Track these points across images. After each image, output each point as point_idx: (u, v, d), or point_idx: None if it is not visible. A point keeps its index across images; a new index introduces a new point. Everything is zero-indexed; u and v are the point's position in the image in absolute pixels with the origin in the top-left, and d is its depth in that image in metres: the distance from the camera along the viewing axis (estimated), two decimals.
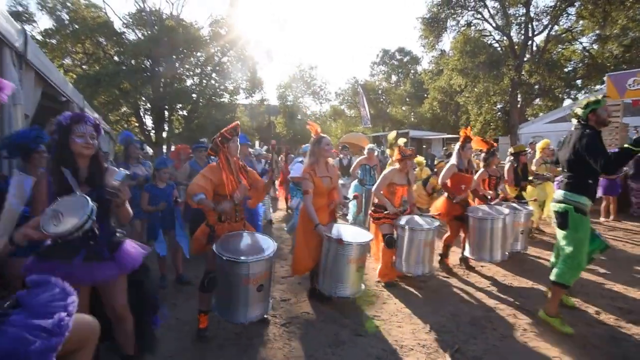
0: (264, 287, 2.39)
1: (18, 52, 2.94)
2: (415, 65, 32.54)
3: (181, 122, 21.05)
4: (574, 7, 17.14)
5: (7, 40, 2.69)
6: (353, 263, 2.90)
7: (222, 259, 2.25)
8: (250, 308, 2.35)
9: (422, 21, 19.88)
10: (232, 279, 2.30)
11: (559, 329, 2.67)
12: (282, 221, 7.26)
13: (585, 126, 2.63)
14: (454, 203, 3.94)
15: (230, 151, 2.58)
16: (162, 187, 3.63)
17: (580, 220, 2.60)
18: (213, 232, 2.50)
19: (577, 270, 2.68)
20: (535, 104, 23.23)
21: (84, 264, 1.74)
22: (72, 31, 17.78)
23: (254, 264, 2.27)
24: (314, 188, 3.03)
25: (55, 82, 4.00)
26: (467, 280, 3.83)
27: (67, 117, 1.76)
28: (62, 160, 1.75)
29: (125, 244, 1.90)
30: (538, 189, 5.49)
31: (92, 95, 14.97)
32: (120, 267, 1.82)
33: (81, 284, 1.76)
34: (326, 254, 2.97)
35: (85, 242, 1.75)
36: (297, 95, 27.92)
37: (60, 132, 1.75)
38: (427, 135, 19.42)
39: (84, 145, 1.75)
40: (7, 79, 2.75)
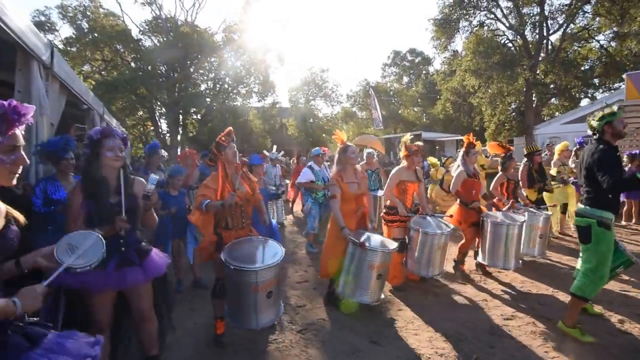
0: (273, 293, 2.39)
1: (45, 64, 3.07)
2: (427, 65, 32.27)
3: (195, 125, 21.46)
4: (590, 4, 16.74)
5: (35, 54, 2.81)
6: (375, 270, 2.91)
7: (230, 268, 2.27)
8: (260, 314, 2.36)
9: (433, 22, 19.75)
10: (241, 286, 2.31)
11: (579, 338, 2.62)
12: (294, 224, 7.30)
13: (600, 140, 2.59)
14: (469, 209, 3.90)
15: (227, 158, 2.56)
16: (175, 194, 3.71)
17: (603, 234, 2.54)
18: (220, 239, 2.52)
19: (599, 284, 2.63)
20: (551, 103, 22.70)
21: (116, 270, 1.85)
22: (91, 39, 18.42)
23: (262, 271, 2.27)
24: (342, 194, 3.09)
25: (78, 91, 4.15)
26: (483, 287, 3.78)
27: (98, 132, 1.89)
28: (93, 171, 1.87)
29: (153, 252, 2.01)
30: (558, 193, 5.36)
31: (110, 101, 15.42)
32: (146, 273, 1.92)
33: (115, 289, 1.88)
34: (350, 258, 2.99)
35: (118, 249, 1.87)
36: (308, 97, 28.02)
37: (92, 146, 1.87)
38: (440, 137, 19.17)
39: (114, 158, 1.87)
40: (34, 90, 2.89)
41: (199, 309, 3.27)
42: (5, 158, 1.13)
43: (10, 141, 1.14)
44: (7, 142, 1.13)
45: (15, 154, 1.15)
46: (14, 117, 1.13)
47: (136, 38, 20.06)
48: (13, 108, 1.13)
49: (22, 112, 1.15)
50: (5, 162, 1.13)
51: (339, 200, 3.08)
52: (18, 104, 1.15)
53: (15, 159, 1.15)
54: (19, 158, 1.17)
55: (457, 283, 3.88)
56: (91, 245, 1.44)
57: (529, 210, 4.27)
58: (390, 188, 3.65)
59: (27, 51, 2.72)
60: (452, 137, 18.43)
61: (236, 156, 2.60)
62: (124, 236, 1.89)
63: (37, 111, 2.88)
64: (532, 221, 4.17)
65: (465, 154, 3.97)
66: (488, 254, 3.84)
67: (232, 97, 21.42)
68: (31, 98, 2.83)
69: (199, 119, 21.19)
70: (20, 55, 2.80)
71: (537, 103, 19.41)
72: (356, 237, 2.97)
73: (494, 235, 3.75)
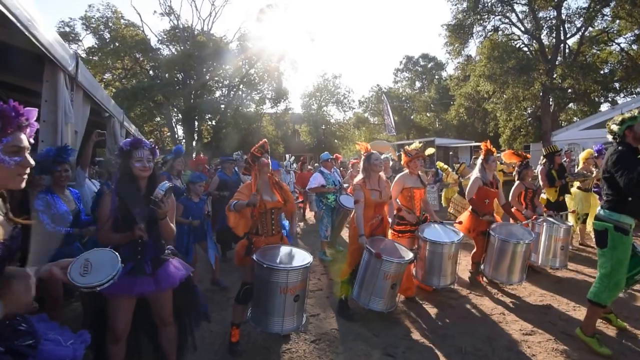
0: (299, 297, 2.45)
1: (70, 75, 3.20)
2: (440, 71, 32.01)
3: (210, 131, 21.84)
4: (610, 7, 16.31)
5: (62, 66, 2.93)
6: (389, 279, 2.90)
7: (262, 267, 2.35)
8: (286, 319, 2.41)
9: (447, 28, 19.63)
10: (270, 286, 2.37)
11: (596, 349, 2.57)
12: (305, 232, 7.27)
13: (621, 143, 2.55)
14: (480, 218, 3.81)
15: (260, 168, 2.68)
16: (196, 201, 3.78)
17: (619, 239, 2.49)
18: (251, 244, 2.60)
19: (615, 291, 2.57)
20: (570, 108, 22.13)
21: (127, 276, 1.87)
22: (112, 49, 19.11)
23: (292, 272, 2.36)
24: (364, 200, 3.12)
25: (100, 100, 4.30)
26: (500, 299, 3.67)
27: (128, 144, 1.97)
28: (124, 181, 1.95)
29: (169, 263, 2.03)
30: (579, 200, 5.17)
31: (129, 107, 15.90)
32: (157, 285, 1.95)
33: (127, 295, 1.91)
34: (365, 265, 2.99)
35: (134, 255, 1.90)
36: (321, 104, 28.16)
37: (122, 157, 1.96)
38: (453, 143, 18.89)
39: (142, 169, 1.95)
40: (61, 100, 3.00)
41: (215, 316, 3.27)
42: (9, 159, 1.10)
43: (13, 142, 1.12)
44: (9, 142, 1.11)
45: (19, 156, 1.12)
46: (11, 115, 1.11)
47: (155, 47, 20.72)
48: (12, 107, 1.12)
49: (21, 112, 1.14)
50: (9, 163, 1.10)
51: (362, 205, 3.11)
52: (17, 104, 1.14)
53: (19, 161, 1.12)
54: (24, 161, 1.14)
55: (473, 295, 3.78)
56: (105, 264, 1.37)
57: (549, 220, 4.14)
58: (395, 197, 3.61)
59: (55, 63, 2.84)
60: (466, 144, 18.14)
61: (269, 167, 2.71)
62: (142, 244, 1.94)
63: (62, 120, 3.02)
64: (552, 232, 4.04)
65: (485, 161, 3.89)
66: (492, 267, 3.73)
67: (245, 104, 21.77)
68: (57, 108, 2.94)
69: (213, 125, 21.57)
70: (47, 66, 2.91)
71: (555, 108, 18.95)
72: (372, 245, 2.96)
73: (500, 251, 3.64)
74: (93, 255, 1.37)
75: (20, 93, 4.42)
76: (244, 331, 2.75)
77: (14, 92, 4.37)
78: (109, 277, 1.30)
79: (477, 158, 5.75)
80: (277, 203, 2.69)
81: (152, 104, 18.97)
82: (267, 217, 2.66)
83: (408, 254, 3.06)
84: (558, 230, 4.05)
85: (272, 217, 2.69)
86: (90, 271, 1.30)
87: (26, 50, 2.84)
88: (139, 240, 1.91)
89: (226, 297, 3.64)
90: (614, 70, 17.89)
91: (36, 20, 2.39)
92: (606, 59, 18.33)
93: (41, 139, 2.90)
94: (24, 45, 2.69)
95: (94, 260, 1.35)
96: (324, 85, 28.02)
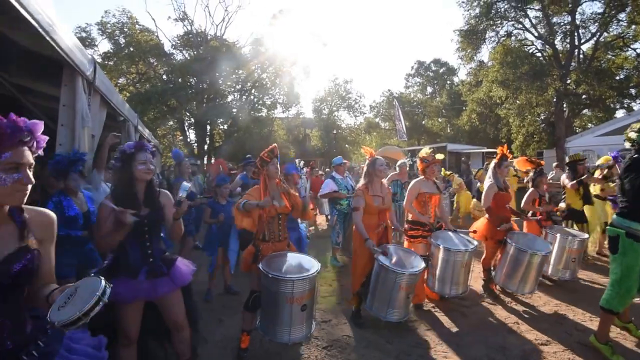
0: (307, 306, 2.41)
1: (88, 80, 3.28)
2: (452, 76, 31.82)
3: (221, 135, 22.08)
4: (625, 12, 15.98)
5: (80, 70, 3.01)
6: (403, 290, 2.85)
7: (268, 277, 2.32)
8: (294, 328, 2.38)
9: (459, 33, 19.51)
10: (277, 297, 2.34)
11: (609, 357, 2.56)
12: (316, 237, 7.26)
13: (639, 151, 2.55)
14: (497, 226, 3.72)
15: (269, 174, 2.65)
16: (224, 203, 3.80)
17: (630, 245, 2.50)
18: (258, 251, 2.58)
19: (627, 297, 2.57)
20: (584, 114, 21.67)
21: (147, 280, 1.90)
22: (127, 53, 19.54)
23: (298, 282, 2.32)
24: (365, 206, 3.07)
25: (116, 104, 4.40)
26: (514, 308, 3.58)
27: (132, 146, 1.97)
28: (125, 184, 1.94)
29: (178, 261, 2.06)
30: (598, 210, 5.03)
31: (143, 111, 16.22)
32: (175, 283, 1.97)
33: (145, 299, 1.92)
34: (377, 278, 2.93)
35: (146, 259, 1.92)
36: (332, 108, 28.24)
37: (124, 160, 1.94)
38: (465, 149, 18.62)
39: (145, 171, 1.95)
40: (78, 104, 3.08)
41: (228, 320, 3.29)
42: (6, 177, 1.04)
43: (12, 158, 1.06)
44: (6, 158, 1.05)
45: (18, 173, 1.07)
46: (7, 131, 1.05)
47: (168, 52, 21.13)
48: (10, 122, 1.07)
49: (21, 127, 1.09)
50: (4, 180, 1.04)
51: (362, 212, 3.06)
52: (17, 118, 1.09)
53: (17, 178, 1.06)
54: (23, 177, 1.08)
55: (486, 303, 3.71)
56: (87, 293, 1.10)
57: (565, 230, 4.03)
58: (409, 201, 3.58)
59: (73, 67, 2.91)
60: (478, 149, 17.88)
61: (277, 172, 2.69)
62: (150, 247, 1.95)
63: (80, 123, 3.09)
64: (566, 244, 3.92)
65: (497, 165, 3.82)
66: (504, 275, 3.64)
67: (257, 108, 21.97)
68: (75, 112, 3.01)
69: (225, 129, 21.82)
70: (66, 71, 2.99)
71: (569, 114, 18.57)
72: (381, 255, 2.91)
73: (515, 260, 3.55)
74: (82, 284, 1.15)
75: (38, 97, 4.57)
76: (256, 337, 2.73)
77: (32, 95, 4.52)
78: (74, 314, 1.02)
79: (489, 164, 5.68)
80: (285, 208, 2.67)
81: (165, 108, 19.29)
82: (275, 222, 2.65)
83: (420, 262, 3.02)
84: (572, 242, 3.93)
85: (280, 222, 2.67)
86: (68, 304, 1.07)
87: (44, 55, 2.94)
88: (146, 243, 1.93)
89: (237, 302, 3.64)
90: (629, 76, 17.48)
91: (56, 25, 2.46)
92: (622, 65, 17.91)
93: (59, 142, 2.97)
94: (44, 50, 2.78)
95: (79, 291, 1.12)
96: (335, 90, 28.13)
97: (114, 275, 1.83)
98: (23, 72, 3.63)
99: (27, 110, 4.84)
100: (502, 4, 18.10)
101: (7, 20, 2.42)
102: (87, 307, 1.03)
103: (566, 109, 18.10)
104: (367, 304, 3.03)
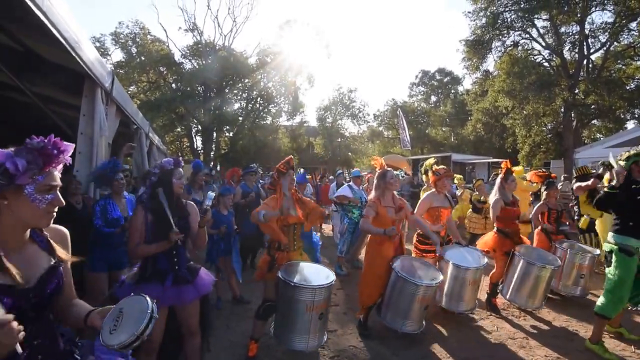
0: (324, 315, 2.47)
1: (107, 91, 3.40)
2: (456, 85, 31.85)
3: (227, 143, 22.35)
4: (636, 21, 15.94)
5: (100, 82, 3.13)
6: (419, 302, 2.86)
7: (289, 285, 2.37)
8: (311, 336, 2.43)
9: (465, 43, 19.61)
10: (297, 305, 2.39)
11: (601, 354, 2.82)
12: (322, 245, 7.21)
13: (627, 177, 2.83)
14: (505, 238, 3.72)
15: (285, 184, 2.72)
16: (225, 213, 3.86)
17: (622, 259, 2.77)
18: (274, 260, 2.62)
19: (619, 305, 2.83)
20: (593, 125, 21.49)
21: (173, 287, 1.98)
22: (139, 62, 20.01)
23: (319, 290, 2.39)
24: (379, 217, 3.06)
25: (130, 113, 4.52)
26: (522, 323, 3.52)
27: (172, 163, 2.11)
28: (165, 196, 2.05)
29: (201, 270, 2.15)
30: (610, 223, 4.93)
31: (152, 119, 16.51)
32: (198, 291, 2.04)
33: (171, 305, 2.00)
34: (392, 287, 2.95)
35: (173, 267, 2.01)
36: (336, 117, 28.41)
37: (164, 174, 2.08)
38: (470, 159, 18.50)
39: (180, 185, 2.12)
40: (97, 114, 3.19)
41: (236, 327, 3.32)
42: (41, 198, 1.05)
43: (47, 180, 1.07)
44: (44, 181, 1.06)
45: (51, 194, 1.08)
46: (53, 152, 1.07)
47: (178, 62, 21.58)
48: (53, 143, 1.07)
49: (61, 149, 1.09)
50: (40, 202, 1.05)
51: (370, 220, 3.03)
52: (58, 140, 1.09)
53: (51, 199, 1.08)
54: (55, 199, 1.09)
55: (494, 317, 3.67)
56: (134, 312, 1.14)
57: (575, 245, 4.00)
58: (420, 214, 3.51)
59: (94, 79, 3.03)
60: (484, 160, 17.76)
61: (293, 183, 2.78)
62: (177, 255, 2.03)
63: (98, 132, 3.20)
64: (576, 259, 3.87)
65: (504, 180, 3.79)
66: (512, 289, 3.62)
67: (262, 116, 22.24)
68: (94, 122, 3.13)
69: (231, 137, 22.09)
70: (87, 82, 3.12)
71: (577, 124, 18.44)
72: (402, 267, 2.93)
73: (523, 273, 3.53)
74: (125, 304, 1.18)
75: (58, 105, 4.71)
76: (264, 344, 2.76)
77: (53, 103, 4.67)
78: (132, 336, 1.06)
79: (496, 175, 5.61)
80: (299, 218, 2.72)
81: (174, 115, 19.67)
82: (290, 232, 2.70)
83: (438, 274, 3.03)
84: (583, 258, 3.87)
85: (294, 232, 2.72)
86: (120, 325, 1.11)
87: (67, 67, 3.06)
88: (173, 251, 2.01)
89: (245, 309, 3.67)
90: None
91: (82, 42, 2.58)
92: (632, 75, 17.78)
93: (79, 150, 3.08)
94: (69, 64, 2.90)
95: (126, 309, 1.16)
96: (339, 98, 28.31)
97: (142, 281, 1.94)
98: (46, 82, 3.77)
99: (46, 117, 5.00)
100: (509, 14, 18.21)
101: (36, 36, 2.55)
102: (141, 327, 1.08)
103: (574, 120, 18.01)
104: (381, 315, 3.04)
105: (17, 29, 2.66)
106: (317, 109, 28.36)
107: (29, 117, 5.28)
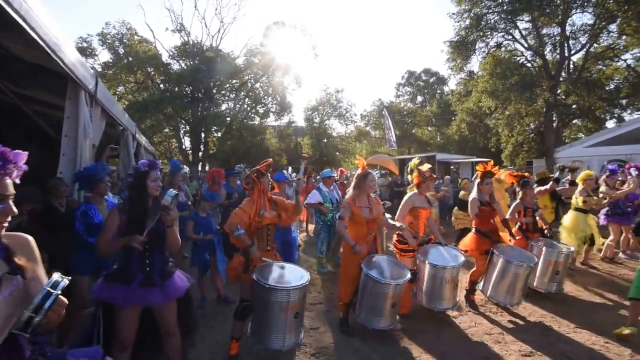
0: (299, 314, 2.53)
1: (90, 93, 3.39)
2: (442, 85, 32.29)
3: (215, 143, 22.20)
4: (615, 23, 16.40)
5: (83, 84, 3.13)
6: (389, 300, 2.95)
7: (264, 287, 2.41)
8: (287, 335, 2.48)
9: (449, 44, 19.90)
10: (272, 306, 2.43)
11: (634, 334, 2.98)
12: (306, 244, 7.29)
13: None
14: (483, 238, 3.85)
15: (263, 186, 2.74)
16: (203, 215, 3.92)
17: None
18: (248, 261, 2.63)
19: None
20: (574, 125, 22.09)
21: (139, 288, 2.00)
22: (126, 63, 19.76)
23: (294, 291, 2.43)
24: (353, 217, 3.15)
25: (116, 114, 4.49)
26: (499, 319, 3.61)
27: (146, 165, 2.10)
28: (137, 198, 2.07)
29: (175, 275, 2.15)
30: (581, 222, 5.11)
31: (140, 119, 16.32)
32: (166, 295, 2.05)
33: (137, 306, 2.02)
34: (364, 287, 3.04)
35: (143, 268, 2.04)
36: (323, 117, 28.47)
37: (137, 177, 2.08)
38: (454, 159, 18.72)
39: (155, 188, 2.11)
40: (81, 116, 3.19)
41: (220, 326, 3.34)
42: None
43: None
44: None
45: (3, 204, 1.06)
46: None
47: (166, 62, 21.36)
48: (1, 154, 1.06)
49: (9, 158, 1.07)
50: None
51: (347, 222, 3.15)
52: (7, 151, 1.07)
53: (2, 209, 1.06)
54: (7, 209, 1.07)
55: (472, 313, 3.77)
56: None
57: (551, 243, 4.16)
58: (402, 216, 3.61)
59: (77, 82, 3.03)
60: (468, 159, 18.03)
61: (270, 184, 2.81)
62: (149, 257, 2.05)
63: (82, 135, 3.19)
64: (551, 257, 4.02)
65: (481, 182, 3.94)
66: (492, 286, 3.76)
67: (250, 117, 22.17)
68: (78, 124, 3.13)
69: (219, 137, 21.96)
70: (70, 85, 3.11)
71: (558, 124, 18.95)
72: (369, 265, 3.01)
73: (502, 271, 3.67)
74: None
75: (39, 105, 4.64)
76: (246, 343, 2.80)
77: (34, 103, 4.59)
78: (23, 316, 0.99)
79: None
80: (273, 219, 2.75)
81: (162, 116, 19.45)
82: (263, 232, 2.72)
83: (406, 273, 3.10)
84: (559, 256, 4.02)
85: (268, 232, 2.75)
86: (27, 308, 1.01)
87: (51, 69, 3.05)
88: (146, 253, 2.03)
89: (230, 308, 3.69)
90: (620, 86, 17.69)
91: (62, 44, 2.58)
92: (612, 75, 18.15)
93: (62, 152, 3.07)
94: (50, 66, 2.89)
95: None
96: (327, 99, 28.39)
97: (112, 280, 1.97)
98: (27, 83, 3.72)
99: (28, 117, 4.91)
100: (492, 15, 18.59)
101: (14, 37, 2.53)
102: (34, 304, 0.98)
103: (555, 119, 18.50)
104: (355, 313, 3.13)
105: None
106: (305, 109, 28.41)
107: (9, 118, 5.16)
